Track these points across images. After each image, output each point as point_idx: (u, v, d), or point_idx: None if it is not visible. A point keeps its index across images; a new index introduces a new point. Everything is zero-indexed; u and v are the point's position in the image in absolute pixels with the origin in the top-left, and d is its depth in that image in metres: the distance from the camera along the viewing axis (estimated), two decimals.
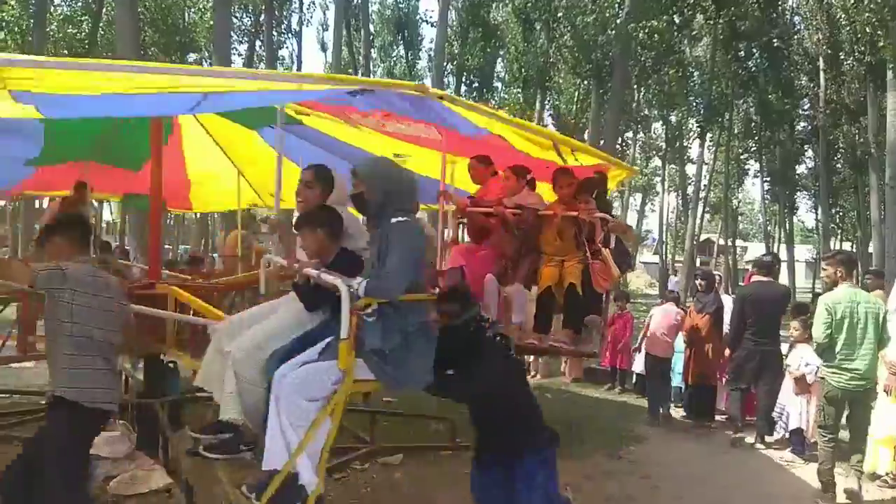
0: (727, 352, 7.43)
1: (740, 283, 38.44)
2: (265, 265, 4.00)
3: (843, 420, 5.67)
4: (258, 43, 31.02)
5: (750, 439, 7.03)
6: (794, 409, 6.63)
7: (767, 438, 7.04)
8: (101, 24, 24.51)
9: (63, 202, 7.61)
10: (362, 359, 3.07)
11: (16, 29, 21.99)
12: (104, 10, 24.23)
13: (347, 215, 3.71)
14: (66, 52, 23.30)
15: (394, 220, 3.17)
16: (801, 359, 6.68)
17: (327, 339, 3.12)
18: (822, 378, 5.54)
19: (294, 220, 3.68)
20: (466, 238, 5.52)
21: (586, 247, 4.95)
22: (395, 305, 3.11)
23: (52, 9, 24.51)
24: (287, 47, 35.21)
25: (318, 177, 3.78)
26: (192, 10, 30.45)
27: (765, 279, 7.27)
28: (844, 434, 5.75)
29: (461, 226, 5.68)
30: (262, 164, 7.61)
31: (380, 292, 3.04)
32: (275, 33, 30.21)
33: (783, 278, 29.08)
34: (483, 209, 5.10)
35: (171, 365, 5.75)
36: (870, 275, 8.06)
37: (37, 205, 23.85)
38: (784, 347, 7.19)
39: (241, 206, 8.41)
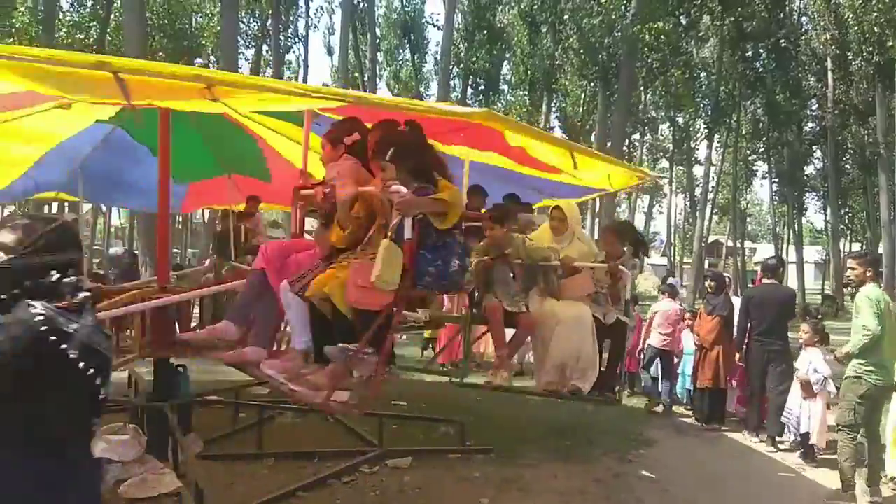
0: (738, 355, 7.43)
1: (749, 285, 38.33)
2: None
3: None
4: (265, 48, 31.13)
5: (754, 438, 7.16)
6: (804, 414, 6.55)
7: (777, 439, 7.02)
8: (108, 30, 24.65)
9: (238, 214, 8.77)
10: None
11: (25, 35, 22.15)
12: (112, 15, 24.36)
13: None
14: None
15: None
16: (809, 363, 6.59)
17: None
18: (858, 377, 5.38)
19: None
20: None
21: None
22: None
23: (61, 15, 24.67)
24: (294, 52, 35.38)
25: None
26: (200, 14, 30.61)
27: (769, 282, 7.44)
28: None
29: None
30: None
31: None
32: (281, 38, 30.30)
33: (792, 279, 29.07)
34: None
35: (180, 368, 5.78)
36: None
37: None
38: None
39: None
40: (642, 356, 9.09)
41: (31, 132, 5.52)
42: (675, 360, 8.86)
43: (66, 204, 8.34)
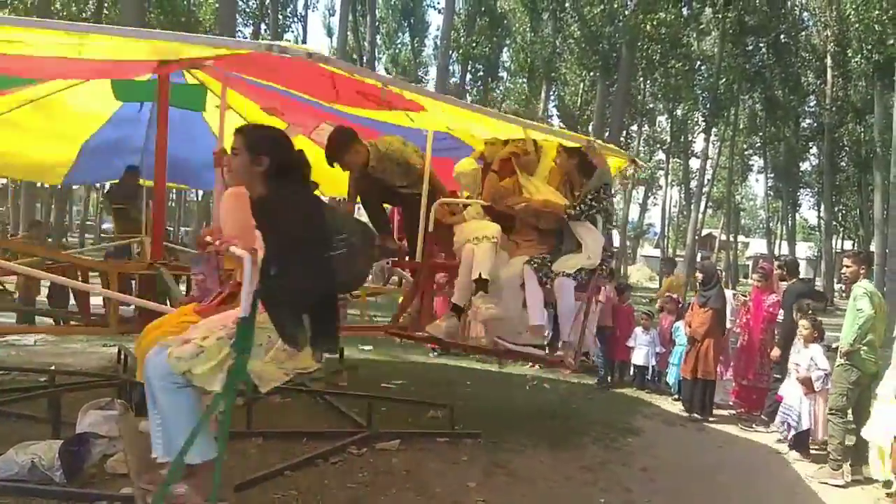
0: (776, 352, 7.31)
1: (741, 279, 38.49)
2: None
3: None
4: (263, 26, 30.86)
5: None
6: (805, 410, 6.49)
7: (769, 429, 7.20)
8: (105, 4, 24.36)
9: None
10: None
11: (20, 6, 21.85)
12: None
13: None
14: None
15: None
16: (811, 360, 6.56)
17: None
18: (852, 366, 5.84)
19: None
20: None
21: None
22: None
23: None
24: (292, 31, 35.05)
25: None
26: None
27: (794, 279, 7.93)
28: None
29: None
30: None
31: None
32: (280, 17, 30.06)
33: None
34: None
35: None
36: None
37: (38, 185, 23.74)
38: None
39: None
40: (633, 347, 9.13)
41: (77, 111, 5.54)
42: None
43: None
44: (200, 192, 20.57)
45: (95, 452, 4.40)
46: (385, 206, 5.95)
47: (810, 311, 6.81)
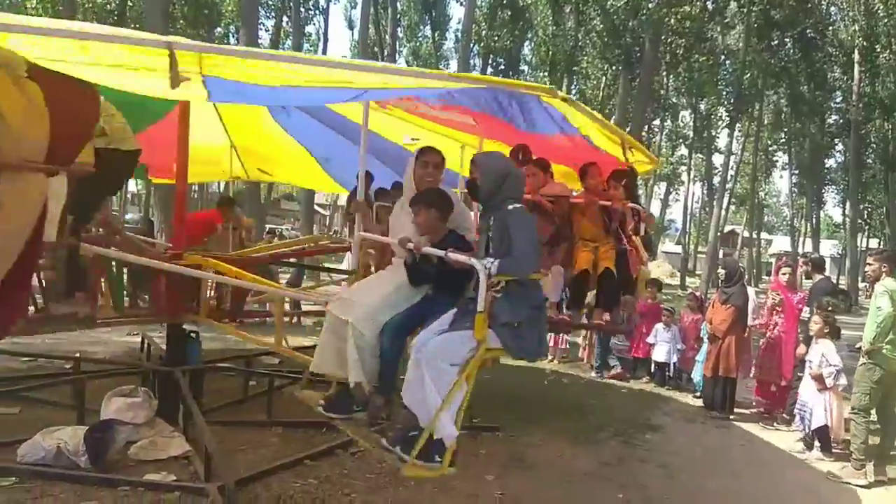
0: (801, 349, 7.22)
1: (764, 277, 38.08)
2: (358, 241, 4.53)
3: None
4: (285, 19, 30.97)
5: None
6: (819, 407, 6.47)
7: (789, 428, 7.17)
8: None
9: None
10: (493, 330, 3.35)
11: (48, 2, 22.09)
12: None
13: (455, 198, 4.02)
14: (95, 22, 23.38)
15: (510, 206, 3.47)
16: (822, 356, 6.53)
17: (452, 312, 3.51)
18: (875, 365, 5.79)
19: (410, 198, 3.99)
20: None
21: (620, 234, 5.26)
22: (523, 283, 3.42)
23: None
24: (314, 24, 35.17)
25: (442, 161, 4.17)
26: None
27: (820, 276, 7.89)
28: None
29: None
30: (263, 141, 7.83)
31: (514, 271, 3.34)
32: (302, 9, 30.12)
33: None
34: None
35: (192, 334, 5.83)
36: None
37: None
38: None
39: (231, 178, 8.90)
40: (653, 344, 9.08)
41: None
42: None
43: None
44: (223, 185, 20.61)
45: (120, 439, 4.47)
46: None
47: (830, 309, 6.73)
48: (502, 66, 36.73)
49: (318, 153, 8.13)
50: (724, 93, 31.69)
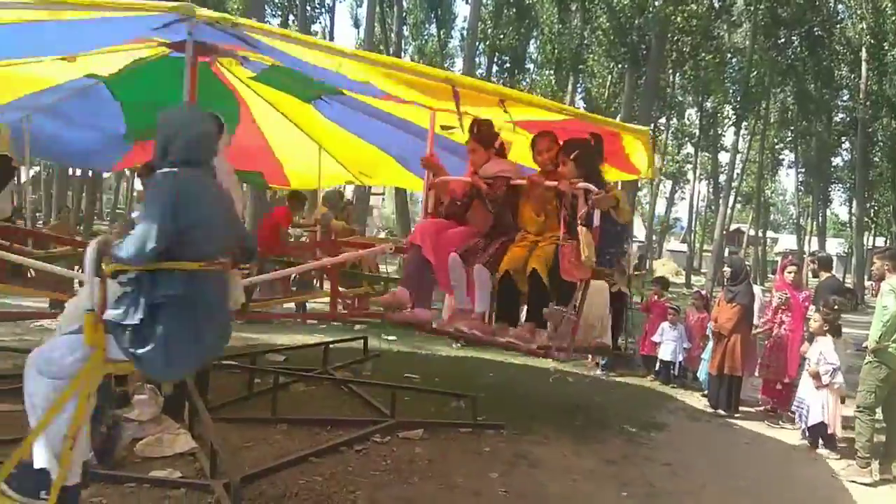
0: (804, 346, 7.20)
1: (770, 275, 37.92)
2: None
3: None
4: (291, 17, 31.00)
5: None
6: (816, 404, 6.50)
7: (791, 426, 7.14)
8: None
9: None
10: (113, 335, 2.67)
11: None
12: None
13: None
14: None
15: (159, 172, 2.79)
16: (820, 354, 6.54)
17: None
18: (881, 363, 5.79)
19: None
20: None
21: (574, 225, 4.20)
22: (144, 274, 2.68)
23: None
24: (320, 22, 35.14)
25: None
26: None
27: (827, 274, 7.96)
28: None
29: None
30: (338, 140, 7.63)
31: (121, 257, 2.66)
32: (308, 7, 30.13)
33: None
34: (451, 178, 5.02)
35: None
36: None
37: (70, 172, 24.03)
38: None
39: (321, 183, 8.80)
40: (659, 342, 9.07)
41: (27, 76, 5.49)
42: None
43: None
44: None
45: (126, 436, 4.49)
46: None
47: (837, 307, 6.73)
48: (508, 65, 36.69)
49: (395, 153, 7.74)
50: (731, 91, 31.61)
